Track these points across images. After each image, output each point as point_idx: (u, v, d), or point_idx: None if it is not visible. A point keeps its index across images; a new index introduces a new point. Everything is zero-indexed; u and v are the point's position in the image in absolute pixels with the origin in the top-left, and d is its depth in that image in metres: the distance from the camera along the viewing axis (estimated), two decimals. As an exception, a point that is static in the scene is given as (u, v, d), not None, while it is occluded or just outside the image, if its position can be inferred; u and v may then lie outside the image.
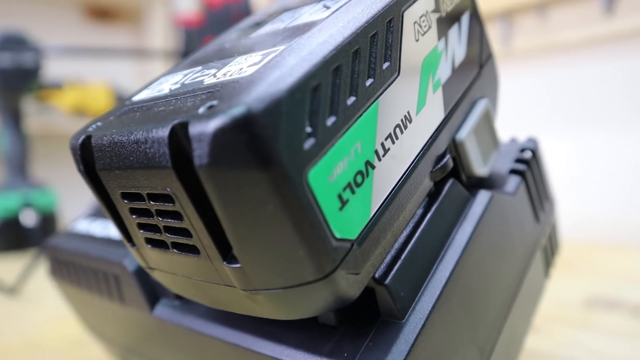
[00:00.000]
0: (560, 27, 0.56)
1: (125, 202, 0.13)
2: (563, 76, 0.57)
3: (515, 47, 0.59)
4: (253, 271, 0.12)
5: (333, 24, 0.13)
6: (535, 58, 0.59)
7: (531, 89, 0.60)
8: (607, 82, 0.54)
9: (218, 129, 0.10)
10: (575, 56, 0.56)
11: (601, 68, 0.54)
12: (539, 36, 0.57)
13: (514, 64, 0.61)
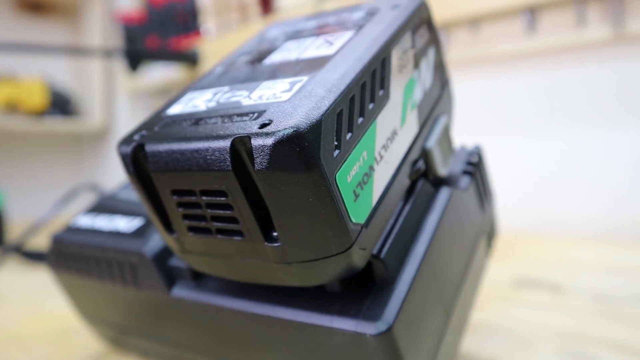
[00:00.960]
0: (490, 41, 0.63)
1: (175, 197, 0.17)
2: (492, 85, 0.64)
3: (451, 57, 0.66)
4: (290, 248, 0.16)
5: (344, 62, 0.17)
6: (469, 68, 0.66)
7: (465, 96, 0.67)
8: (530, 92, 0.62)
9: (276, 143, 0.14)
10: (503, 67, 0.63)
11: (525, 79, 0.62)
12: (472, 48, 0.64)
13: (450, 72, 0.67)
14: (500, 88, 0.64)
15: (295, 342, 0.19)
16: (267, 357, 0.20)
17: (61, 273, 0.27)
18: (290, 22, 0.24)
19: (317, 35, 0.20)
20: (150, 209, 0.18)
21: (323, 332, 0.18)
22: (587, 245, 0.53)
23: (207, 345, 0.22)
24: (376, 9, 0.21)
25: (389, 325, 0.17)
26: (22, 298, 0.44)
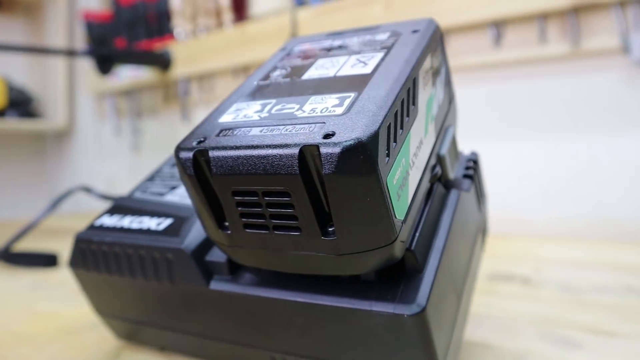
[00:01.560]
0: (460, 53, 0.67)
1: (236, 198, 0.19)
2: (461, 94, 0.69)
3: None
4: (344, 241, 0.18)
5: (384, 81, 0.19)
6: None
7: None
8: (496, 100, 0.66)
9: (343, 151, 0.16)
10: (471, 77, 0.68)
11: (491, 88, 0.66)
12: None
13: None
14: (468, 96, 0.68)
15: (335, 326, 0.21)
16: (304, 342, 0.23)
17: (86, 271, 0.28)
18: (313, 39, 0.27)
19: (349, 54, 0.23)
20: (205, 208, 0.20)
21: (362, 315, 0.20)
22: (549, 243, 0.58)
23: (241, 333, 0.24)
24: (397, 32, 0.24)
25: (422, 307, 0.19)
26: (15, 300, 0.44)
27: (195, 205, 0.21)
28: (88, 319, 0.37)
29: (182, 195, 0.29)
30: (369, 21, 0.71)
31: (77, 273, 0.29)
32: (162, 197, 0.30)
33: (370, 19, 0.70)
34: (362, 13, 0.71)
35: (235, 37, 0.85)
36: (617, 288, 0.41)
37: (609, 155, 0.59)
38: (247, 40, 0.83)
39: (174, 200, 0.29)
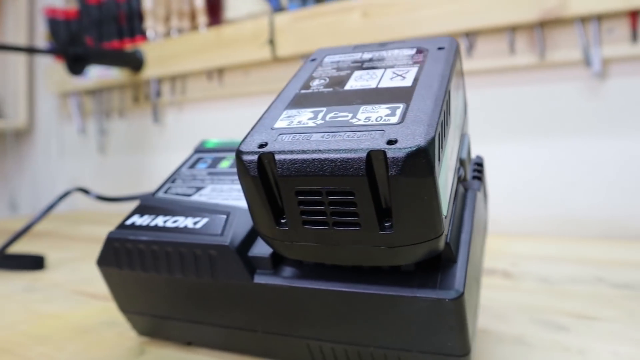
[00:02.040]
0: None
1: (299, 197, 0.21)
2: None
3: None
4: (400, 235, 0.20)
5: (428, 94, 0.22)
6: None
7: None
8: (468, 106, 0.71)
9: (408, 156, 0.19)
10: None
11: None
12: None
13: None
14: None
15: (378, 312, 0.24)
16: (344, 329, 0.25)
17: (118, 269, 0.29)
18: (341, 51, 0.29)
19: (384, 68, 0.25)
20: (264, 206, 0.22)
21: (406, 301, 0.23)
22: (519, 240, 0.63)
23: (280, 324, 0.26)
24: (424, 48, 0.27)
25: (460, 293, 0.22)
26: (14, 302, 0.43)
27: (251, 204, 0.22)
28: (99, 319, 0.38)
29: (208, 195, 0.31)
30: (346, 28, 0.73)
31: (106, 271, 0.30)
32: (190, 198, 0.31)
33: (348, 26, 0.73)
34: (340, 20, 0.74)
35: (210, 40, 0.85)
36: (587, 279, 0.45)
37: (570, 159, 0.64)
38: (223, 43, 0.84)
39: (202, 200, 0.30)
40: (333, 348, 0.26)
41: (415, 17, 0.69)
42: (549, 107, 0.65)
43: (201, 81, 0.91)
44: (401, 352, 0.25)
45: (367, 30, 0.72)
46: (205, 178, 0.33)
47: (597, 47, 0.60)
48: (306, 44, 0.77)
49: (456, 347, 0.23)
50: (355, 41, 0.73)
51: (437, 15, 0.67)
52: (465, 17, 0.66)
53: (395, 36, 0.70)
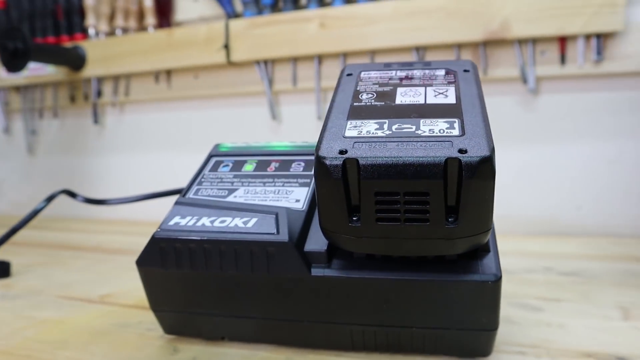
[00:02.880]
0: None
1: (378, 197, 0.24)
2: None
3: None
4: (462, 228, 0.24)
5: (473, 111, 0.26)
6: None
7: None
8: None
9: (479, 162, 0.23)
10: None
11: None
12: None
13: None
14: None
15: (426, 296, 0.27)
16: (391, 313, 0.28)
17: (163, 269, 0.30)
18: (373, 68, 0.32)
19: (423, 86, 0.29)
20: (342, 205, 0.25)
21: (454, 285, 0.27)
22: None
23: (331, 313, 0.29)
24: (451, 70, 0.31)
25: (499, 276, 0.27)
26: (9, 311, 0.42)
27: (325, 203, 0.25)
28: (108, 321, 0.38)
29: (244, 197, 0.33)
30: (303, 38, 0.77)
31: (147, 271, 0.31)
32: (225, 199, 0.33)
33: (305, 36, 0.76)
34: (297, 29, 0.77)
35: (161, 41, 0.85)
36: (538, 269, 0.52)
37: (508, 163, 0.72)
38: (175, 45, 0.84)
39: (239, 201, 0.32)
40: (375, 331, 0.30)
41: (371, 30, 0.74)
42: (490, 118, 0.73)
43: (147, 82, 0.89)
44: (440, 330, 0.29)
45: (325, 40, 0.76)
46: (233, 180, 0.35)
47: (532, 67, 0.69)
48: (262, 51, 0.79)
49: (489, 323, 0.28)
50: (313, 50, 0.77)
51: (392, 29, 0.73)
52: (417, 33, 0.72)
53: (353, 48, 0.75)
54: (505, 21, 0.67)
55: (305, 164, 0.35)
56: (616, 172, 0.68)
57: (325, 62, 0.79)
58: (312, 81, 0.80)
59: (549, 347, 0.32)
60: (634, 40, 0.64)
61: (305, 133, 0.82)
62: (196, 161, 0.86)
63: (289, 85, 0.81)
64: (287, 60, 0.81)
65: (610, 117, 0.68)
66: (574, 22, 0.64)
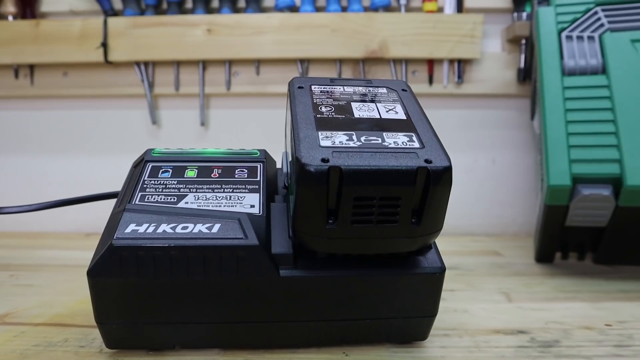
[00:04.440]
0: (274, 83, 0.79)
1: (355, 202, 0.27)
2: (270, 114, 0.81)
3: (234, 90, 0.79)
4: (424, 227, 0.28)
5: (423, 125, 0.30)
6: (251, 101, 0.80)
7: (247, 120, 0.81)
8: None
9: (443, 171, 0.27)
10: (281, 103, 0.80)
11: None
12: (255, 86, 0.79)
13: (234, 102, 0.80)
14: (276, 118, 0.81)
15: (383, 289, 0.31)
16: (348, 308, 0.31)
17: (121, 279, 0.29)
18: (321, 82, 0.35)
19: (373, 102, 0.33)
20: (321, 209, 0.27)
21: (408, 277, 0.31)
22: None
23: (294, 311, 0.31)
24: (392, 89, 0.35)
25: (444, 268, 0.31)
26: None
27: (304, 207, 0.27)
28: (29, 343, 0.35)
29: (197, 203, 0.33)
30: (189, 42, 0.76)
31: (100, 281, 0.29)
32: (177, 205, 0.32)
33: (191, 41, 0.76)
34: (183, 33, 0.76)
35: (24, 33, 0.76)
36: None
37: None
38: (42, 39, 0.76)
39: (194, 207, 0.32)
40: (331, 326, 0.32)
41: (258, 40, 0.76)
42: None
43: (5, 77, 0.79)
44: (390, 320, 0.32)
45: (211, 47, 0.76)
46: (179, 187, 0.34)
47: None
48: (143, 52, 0.76)
49: (432, 309, 0.32)
50: (198, 56, 0.76)
51: (278, 41, 0.76)
52: (303, 46, 0.76)
53: (239, 56, 0.76)
54: (384, 42, 0.75)
55: (248, 171, 0.36)
56: (471, 180, 0.80)
57: (209, 69, 0.79)
58: (195, 87, 0.79)
59: (465, 328, 0.38)
60: (487, 67, 0.76)
61: (188, 139, 0.81)
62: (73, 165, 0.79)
63: (170, 90, 0.79)
64: (169, 64, 0.79)
65: (466, 132, 0.79)
66: (442, 48, 0.74)
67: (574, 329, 0.37)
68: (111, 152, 0.82)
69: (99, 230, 0.32)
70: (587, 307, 0.43)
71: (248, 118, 0.81)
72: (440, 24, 0.74)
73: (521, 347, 0.34)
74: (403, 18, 0.75)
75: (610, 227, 0.51)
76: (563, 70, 0.54)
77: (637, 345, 0.34)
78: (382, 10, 0.76)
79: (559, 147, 0.49)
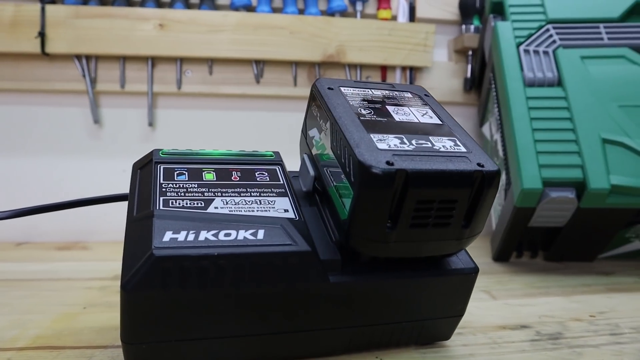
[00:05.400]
0: (223, 83, 0.76)
1: (417, 205, 0.27)
2: (224, 116, 0.78)
3: (185, 90, 0.75)
4: (472, 230, 0.29)
5: (460, 130, 0.31)
6: (203, 101, 0.77)
7: (199, 121, 0.78)
8: (256, 125, 0.79)
9: (495, 174, 0.28)
10: (234, 104, 0.78)
11: (252, 114, 0.79)
12: (206, 85, 0.76)
13: (185, 101, 0.77)
14: (229, 119, 0.78)
15: (426, 290, 0.31)
16: (390, 311, 0.31)
17: (164, 292, 0.26)
18: (348, 84, 0.35)
19: (406, 106, 0.33)
20: (383, 212, 0.27)
21: (447, 277, 0.31)
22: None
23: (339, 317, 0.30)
24: (415, 93, 0.35)
25: (477, 269, 0.32)
26: None
27: (365, 211, 0.27)
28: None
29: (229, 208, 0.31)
30: (139, 37, 0.71)
31: (138, 296, 0.26)
32: (207, 210, 0.30)
33: (141, 35, 0.71)
34: (131, 27, 0.71)
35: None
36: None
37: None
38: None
39: (225, 212, 0.31)
40: (372, 331, 0.32)
41: (213, 38, 0.73)
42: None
43: None
44: (425, 321, 0.33)
45: (162, 43, 0.72)
46: (201, 190, 0.32)
47: (360, 90, 0.78)
48: (86, 45, 0.70)
49: (462, 309, 0.33)
50: (147, 52, 0.72)
51: (235, 40, 0.74)
52: (260, 47, 0.74)
53: (192, 54, 0.73)
54: (341, 47, 0.76)
55: (268, 174, 0.35)
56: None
57: (159, 66, 0.75)
58: (143, 84, 0.74)
59: (472, 326, 0.39)
60: (436, 75, 0.80)
61: (133, 140, 0.76)
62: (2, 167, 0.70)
63: (115, 87, 0.74)
64: (114, 59, 0.73)
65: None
66: (396, 56, 0.77)
67: (566, 321, 0.40)
68: (46, 152, 0.74)
69: (30, 239, 0.29)
70: (564, 301, 0.46)
71: (199, 119, 0.78)
72: (395, 31, 0.76)
73: (534, 341, 0.36)
74: (360, 24, 0.76)
75: (567, 227, 0.56)
76: (524, 82, 0.58)
77: (627, 332, 0.38)
78: (338, 15, 0.77)
79: (528, 153, 0.53)
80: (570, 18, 0.62)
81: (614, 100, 0.55)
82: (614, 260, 0.62)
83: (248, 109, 0.79)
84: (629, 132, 0.52)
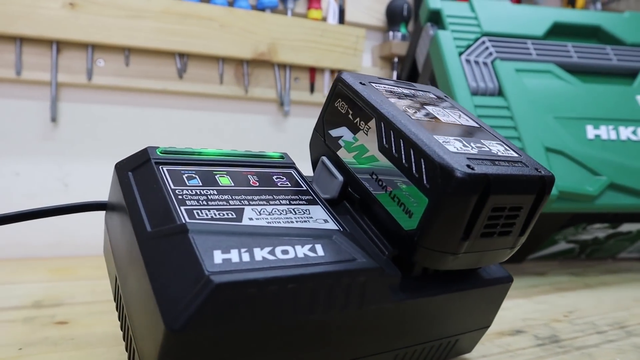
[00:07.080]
0: (141, 76, 0.68)
1: (491, 213, 0.25)
2: (140, 114, 0.69)
3: (97, 82, 0.66)
4: (525, 237, 0.28)
5: (497, 133, 0.30)
6: (117, 96, 0.68)
7: (111, 118, 0.68)
8: (177, 125, 0.71)
9: (553, 178, 0.27)
10: (153, 101, 0.70)
11: (173, 112, 0.71)
12: (121, 78, 0.67)
13: (95, 95, 0.67)
14: (147, 117, 0.70)
15: (471, 303, 0.30)
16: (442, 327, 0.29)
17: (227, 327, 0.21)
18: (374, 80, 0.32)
19: (441, 107, 0.31)
20: (463, 221, 0.24)
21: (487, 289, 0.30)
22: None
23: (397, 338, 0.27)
24: (438, 94, 0.34)
25: (512, 278, 0.32)
26: None
27: (444, 219, 0.24)
28: None
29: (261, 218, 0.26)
30: (44, 16, 0.60)
31: (194, 336, 0.21)
32: (242, 223, 0.26)
33: (47, 15, 0.60)
34: (33, 3, 0.59)
35: None
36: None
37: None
38: None
39: (262, 224, 0.26)
40: (415, 350, 0.29)
41: (132, 24, 0.65)
42: (247, 132, 0.75)
43: None
44: (461, 335, 0.31)
45: (72, 25, 0.62)
46: (225, 198, 0.27)
47: (288, 94, 0.75)
48: (-32, 19, 0.58)
49: (491, 319, 0.32)
50: (52, 34, 0.62)
51: (159, 29, 0.66)
52: (187, 39, 0.67)
53: (108, 41, 0.64)
54: (273, 45, 0.72)
55: (287, 178, 0.31)
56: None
57: (65, 52, 0.64)
58: (45, 72, 0.63)
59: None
60: (365, 81, 0.80)
61: (31, 137, 0.64)
62: None
63: (9, 73, 0.62)
64: (9, 40, 0.61)
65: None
66: (327, 58, 0.75)
67: (550, 323, 0.42)
68: None
69: None
70: (529, 303, 0.48)
71: (112, 115, 0.68)
72: (327, 33, 0.75)
73: (540, 346, 0.36)
74: (292, 22, 0.73)
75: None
76: (470, 90, 0.60)
77: (609, 330, 0.40)
78: (268, 11, 0.73)
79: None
80: (502, 32, 0.66)
81: (549, 111, 0.59)
82: (540, 260, 0.67)
83: (168, 106, 0.71)
84: (566, 141, 0.57)
